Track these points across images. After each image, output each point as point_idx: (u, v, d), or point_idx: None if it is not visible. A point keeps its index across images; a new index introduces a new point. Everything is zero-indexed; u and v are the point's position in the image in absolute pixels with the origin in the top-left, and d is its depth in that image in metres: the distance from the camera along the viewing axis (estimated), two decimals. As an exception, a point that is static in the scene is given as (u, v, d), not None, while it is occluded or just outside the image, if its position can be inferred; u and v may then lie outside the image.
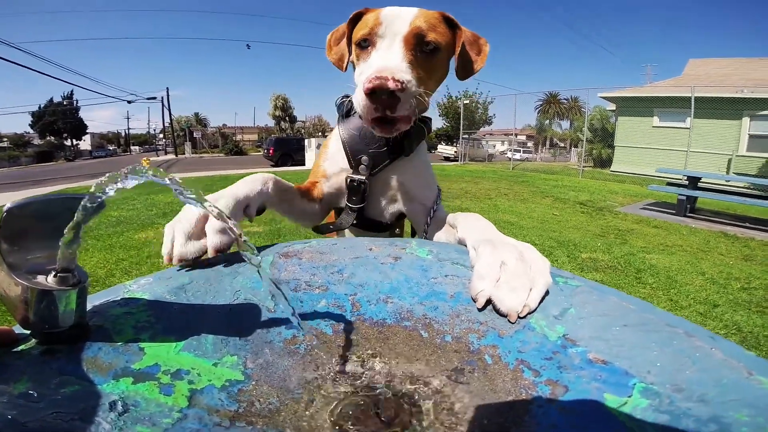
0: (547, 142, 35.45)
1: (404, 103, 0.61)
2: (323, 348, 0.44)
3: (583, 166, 12.81)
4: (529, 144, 35.65)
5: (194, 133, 36.44)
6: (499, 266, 0.45)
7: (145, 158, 16.30)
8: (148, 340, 0.38)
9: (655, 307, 0.40)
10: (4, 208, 0.32)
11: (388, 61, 0.66)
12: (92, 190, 0.32)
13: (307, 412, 0.37)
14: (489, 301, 0.43)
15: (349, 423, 0.36)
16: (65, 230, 0.32)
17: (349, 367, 0.42)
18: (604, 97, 14.78)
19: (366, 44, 0.72)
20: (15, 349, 0.35)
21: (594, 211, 5.98)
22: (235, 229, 0.40)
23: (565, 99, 34.25)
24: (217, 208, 0.39)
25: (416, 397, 0.39)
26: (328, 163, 0.85)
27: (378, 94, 0.59)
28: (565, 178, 10.93)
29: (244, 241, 0.40)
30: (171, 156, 30.17)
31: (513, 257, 0.45)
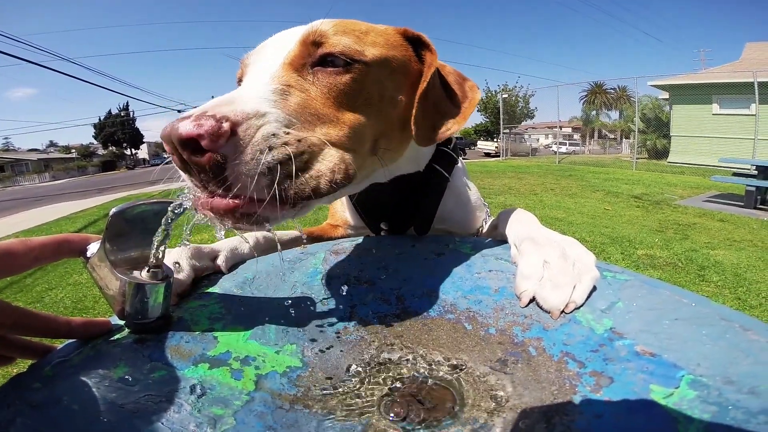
0: (596, 134, 33.74)
1: (236, 161, 0.33)
2: (371, 338, 0.47)
3: (637, 158, 12.09)
4: (576, 136, 34.10)
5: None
6: (542, 265, 0.44)
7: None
8: (220, 329, 0.43)
9: (710, 301, 0.39)
10: (110, 212, 0.38)
11: (234, 91, 0.38)
12: (180, 198, 0.37)
13: (356, 398, 0.40)
14: (533, 299, 0.44)
15: (395, 408, 0.38)
16: (158, 231, 0.38)
17: (394, 356, 0.45)
18: (655, 86, 13.87)
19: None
20: (111, 338, 0.41)
21: (650, 204, 5.62)
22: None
23: (611, 89, 32.49)
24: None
25: (459, 385, 0.40)
26: (349, 215, 0.70)
27: (181, 152, 0.33)
28: (617, 171, 10.36)
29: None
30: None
31: (556, 255, 0.45)
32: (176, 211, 0.38)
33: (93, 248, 0.39)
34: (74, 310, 2.63)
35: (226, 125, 0.32)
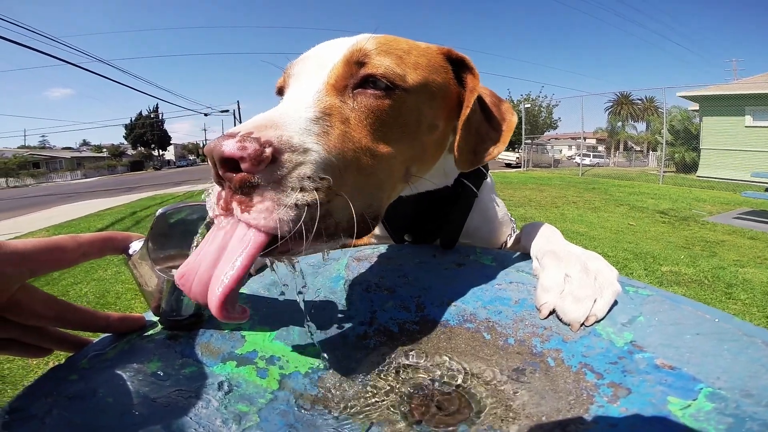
0: (621, 146, 32.98)
1: (272, 192, 0.33)
2: (390, 344, 0.48)
3: (664, 171, 11.73)
4: (600, 148, 33.40)
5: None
6: (563, 278, 0.45)
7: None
8: (247, 329, 0.45)
9: (733, 317, 0.39)
10: (156, 213, 0.40)
11: (275, 110, 0.39)
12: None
13: (375, 400, 0.41)
14: (553, 312, 0.44)
15: (412, 412, 0.39)
16: (198, 232, 0.40)
17: (413, 362, 0.46)
18: (684, 96, 13.47)
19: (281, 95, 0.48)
20: (145, 334, 0.43)
21: (677, 220, 5.45)
22: None
23: (638, 99, 31.77)
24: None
25: (476, 392, 0.41)
26: None
27: (219, 169, 0.33)
28: (643, 185, 10.08)
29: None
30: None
31: (577, 269, 0.45)
32: None
33: (135, 246, 0.41)
34: (97, 304, 2.73)
35: (268, 151, 0.32)
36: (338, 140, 0.38)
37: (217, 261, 0.33)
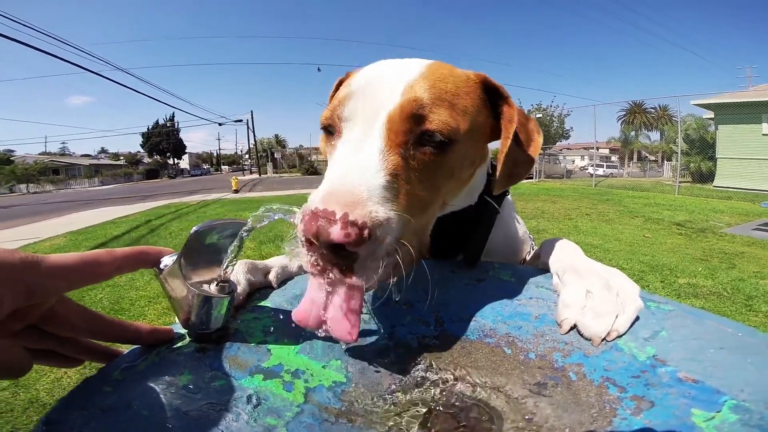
0: (635, 156, 32.56)
1: (369, 262, 0.39)
2: (409, 358, 0.48)
3: (680, 182, 11.54)
4: (614, 158, 33.01)
5: (275, 154, 39.45)
6: (585, 294, 0.45)
7: (234, 177, 18.01)
8: (273, 342, 0.46)
9: (756, 331, 0.39)
10: (191, 231, 0.42)
11: (349, 166, 0.42)
12: (251, 221, 0.42)
13: (396, 414, 0.41)
14: (574, 327, 0.44)
15: (433, 426, 0.39)
16: (229, 249, 0.42)
17: (432, 376, 0.46)
18: (698, 104, 13.28)
19: (332, 130, 0.49)
20: (174, 346, 0.44)
21: (694, 232, 5.35)
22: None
23: (651, 108, 31.41)
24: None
25: (497, 405, 0.41)
26: None
27: (322, 248, 0.37)
28: (658, 196, 9.94)
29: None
30: (255, 175, 33.03)
31: (599, 285, 0.45)
32: (248, 233, 0.42)
33: (166, 260, 0.43)
34: (111, 310, 2.78)
35: (365, 233, 0.37)
36: (405, 200, 0.42)
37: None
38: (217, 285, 0.43)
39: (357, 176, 0.40)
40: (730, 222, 6.13)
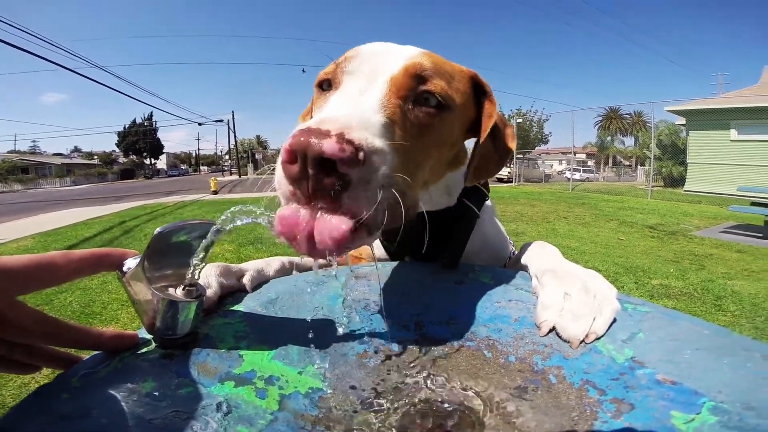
0: (610, 161, 33.51)
1: (361, 190, 0.35)
2: (389, 363, 0.47)
3: (652, 186, 11.92)
4: (590, 163, 33.90)
5: (256, 155, 38.89)
6: (563, 296, 0.45)
7: (213, 178, 17.65)
8: (245, 348, 0.44)
9: (731, 332, 0.40)
10: (155, 232, 0.39)
11: (348, 106, 0.41)
12: (220, 222, 0.39)
13: (376, 420, 0.40)
14: (553, 329, 0.44)
15: (414, 431, 0.38)
16: (197, 251, 0.39)
17: (413, 381, 0.45)
18: (671, 111, 13.76)
19: (327, 87, 0.49)
20: (138, 352, 0.42)
21: (665, 235, 5.53)
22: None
23: (627, 114, 32.43)
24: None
25: (478, 410, 0.41)
26: (374, 246, 0.64)
27: (309, 166, 0.33)
28: (632, 200, 10.24)
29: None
30: (235, 176, 32.40)
31: (577, 287, 0.46)
32: (216, 235, 0.39)
33: (129, 263, 0.40)
34: (81, 314, 2.66)
35: (361, 155, 0.34)
36: (400, 144, 0.41)
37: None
38: (184, 289, 0.41)
39: (354, 110, 0.40)
40: (700, 225, 6.37)
